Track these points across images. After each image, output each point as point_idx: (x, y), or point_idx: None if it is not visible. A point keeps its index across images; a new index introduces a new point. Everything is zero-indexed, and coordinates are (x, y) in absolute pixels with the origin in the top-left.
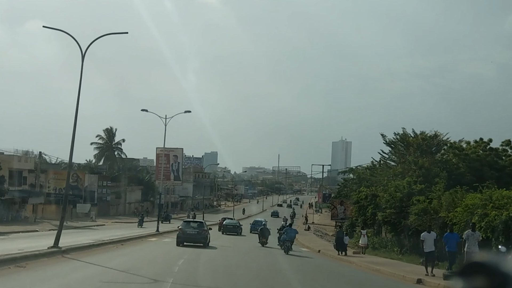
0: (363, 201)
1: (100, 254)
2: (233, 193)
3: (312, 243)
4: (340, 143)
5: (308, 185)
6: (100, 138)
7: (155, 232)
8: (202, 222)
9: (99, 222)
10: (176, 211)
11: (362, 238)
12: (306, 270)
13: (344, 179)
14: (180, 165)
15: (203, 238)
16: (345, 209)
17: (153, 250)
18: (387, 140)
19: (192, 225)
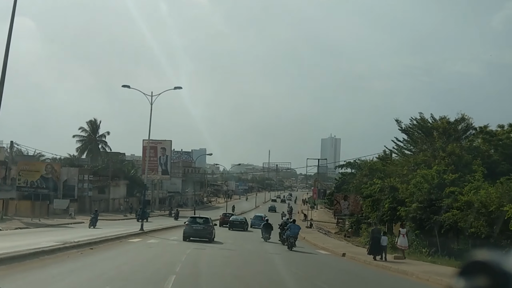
0: (378, 195)
1: (33, 271)
2: (223, 189)
3: (326, 243)
4: (329, 140)
5: (299, 181)
6: (83, 130)
7: (138, 231)
8: (208, 218)
9: (78, 219)
10: (164, 208)
11: (401, 239)
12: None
13: (342, 174)
14: (168, 158)
15: (208, 233)
16: (349, 204)
17: (131, 257)
18: (402, 127)
19: (198, 221)
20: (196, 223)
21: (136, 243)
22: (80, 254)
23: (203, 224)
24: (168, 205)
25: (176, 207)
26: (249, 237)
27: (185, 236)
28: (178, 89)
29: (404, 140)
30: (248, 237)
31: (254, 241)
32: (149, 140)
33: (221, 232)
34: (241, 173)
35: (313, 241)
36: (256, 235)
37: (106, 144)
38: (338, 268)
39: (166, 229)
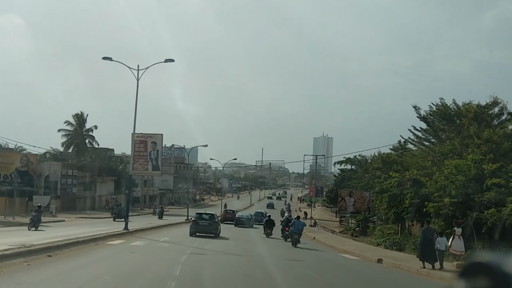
0: (395, 190)
1: None
2: (216, 187)
3: (345, 245)
4: (321, 138)
5: (292, 180)
6: (68, 124)
7: (122, 230)
8: (214, 214)
9: (60, 217)
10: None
11: (456, 241)
12: None
13: (342, 170)
14: (159, 153)
15: (214, 229)
16: (355, 201)
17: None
18: (421, 114)
19: (204, 217)
20: (202, 219)
21: (116, 247)
22: (27, 265)
23: (209, 220)
24: (159, 202)
25: (160, 204)
26: (255, 234)
27: (191, 232)
28: (170, 62)
29: (422, 130)
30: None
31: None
32: (140, 134)
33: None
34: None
35: (328, 242)
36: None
37: (93, 139)
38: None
39: (156, 228)
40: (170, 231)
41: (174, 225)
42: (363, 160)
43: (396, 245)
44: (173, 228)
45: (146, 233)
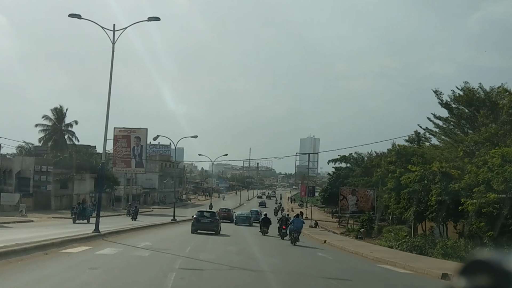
0: (416, 185)
1: None
2: (203, 187)
3: (376, 251)
4: (308, 139)
5: (279, 180)
6: (46, 118)
7: (91, 233)
8: (214, 212)
9: (31, 217)
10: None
11: None
12: None
13: (337, 168)
14: (143, 149)
15: (215, 226)
16: (357, 200)
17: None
18: (443, 100)
19: (205, 214)
20: (203, 216)
21: (72, 258)
22: None
23: (210, 217)
24: (143, 202)
25: (135, 203)
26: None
27: (193, 229)
28: (155, 21)
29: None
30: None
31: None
32: (123, 128)
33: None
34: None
35: (347, 246)
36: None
37: (73, 135)
38: None
39: (137, 230)
40: (154, 234)
41: (159, 226)
42: (359, 157)
43: (417, 248)
44: (158, 229)
45: (123, 237)
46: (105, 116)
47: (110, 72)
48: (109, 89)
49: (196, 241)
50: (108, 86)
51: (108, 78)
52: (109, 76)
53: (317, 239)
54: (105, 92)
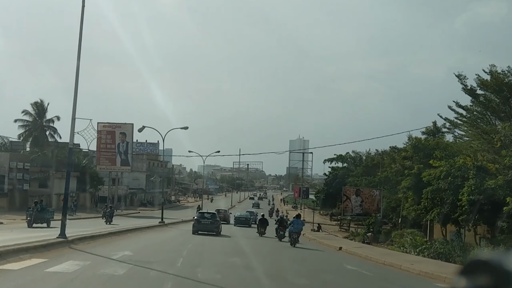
0: (441, 183)
1: None
2: (193, 188)
3: (417, 264)
4: (297, 141)
5: (269, 182)
6: (26, 113)
7: (55, 239)
8: (215, 214)
9: (2, 219)
10: (122, 206)
11: None
12: None
13: (333, 168)
14: (129, 146)
15: (215, 227)
16: (362, 201)
17: None
18: (467, 85)
19: (206, 216)
20: (204, 218)
21: (9, 277)
22: None
23: (211, 219)
24: (130, 203)
25: (111, 204)
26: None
27: (194, 230)
28: None
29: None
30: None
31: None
32: (107, 123)
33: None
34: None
35: (372, 255)
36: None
37: (55, 131)
38: None
39: (119, 234)
40: (138, 239)
41: (145, 230)
42: (357, 157)
43: (441, 256)
44: (143, 234)
45: (98, 243)
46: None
47: (80, 33)
48: (78, 53)
49: (190, 248)
50: (78, 50)
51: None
52: (78, 38)
53: (329, 245)
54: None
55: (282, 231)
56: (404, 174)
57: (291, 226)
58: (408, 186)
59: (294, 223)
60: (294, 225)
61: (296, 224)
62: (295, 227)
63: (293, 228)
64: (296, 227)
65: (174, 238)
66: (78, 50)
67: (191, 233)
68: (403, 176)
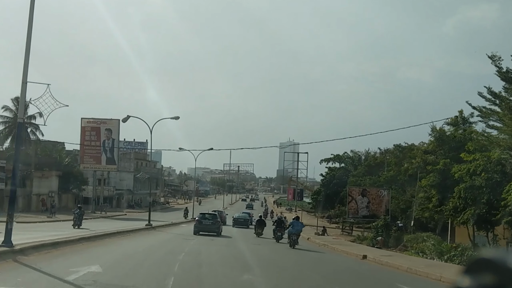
0: (477, 179)
1: None
2: (183, 189)
3: None
4: (287, 143)
5: (260, 184)
6: (6, 109)
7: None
8: (216, 215)
9: None
10: (106, 208)
11: None
12: None
13: (330, 169)
14: (115, 143)
15: (216, 228)
16: (369, 202)
17: None
18: (502, 67)
19: (207, 217)
20: (205, 218)
21: None
22: None
23: (212, 219)
24: (116, 205)
25: (79, 204)
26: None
27: (195, 231)
28: None
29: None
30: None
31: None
32: (92, 119)
33: None
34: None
35: (415, 267)
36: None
37: (37, 128)
38: None
39: (94, 239)
40: (116, 247)
41: (128, 234)
42: (355, 156)
43: None
44: (124, 239)
45: (59, 253)
46: None
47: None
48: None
49: (183, 259)
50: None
51: None
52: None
53: (349, 252)
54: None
55: (280, 232)
56: (426, 170)
57: (290, 227)
58: (431, 184)
59: (293, 225)
60: (294, 227)
61: (295, 226)
62: (294, 229)
63: (293, 229)
64: (295, 228)
65: (162, 245)
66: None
67: (184, 237)
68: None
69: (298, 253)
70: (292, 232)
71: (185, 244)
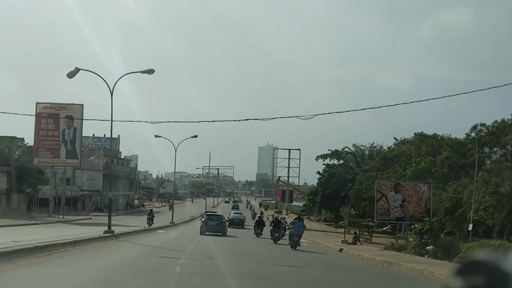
0: None
1: None
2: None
3: None
4: (266, 148)
5: (240, 188)
6: None
7: None
8: (221, 216)
9: None
10: (63, 210)
11: None
12: None
13: (328, 166)
14: (78, 134)
15: (222, 228)
16: (404, 200)
17: None
18: None
19: (213, 218)
20: (211, 219)
21: None
22: None
23: (217, 220)
24: (81, 208)
25: None
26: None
27: (201, 231)
28: None
29: None
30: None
31: None
32: (49, 103)
33: None
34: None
35: None
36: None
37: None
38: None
39: None
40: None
41: (63, 250)
42: (358, 151)
43: None
44: (59, 256)
45: None
46: None
47: None
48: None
49: None
50: None
51: None
52: None
53: (412, 268)
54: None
55: (278, 233)
56: None
57: (291, 228)
58: None
59: (295, 225)
60: (295, 227)
61: (297, 226)
62: (296, 229)
63: (294, 230)
64: (297, 229)
65: (116, 275)
66: None
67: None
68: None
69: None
70: (293, 233)
71: (168, 274)
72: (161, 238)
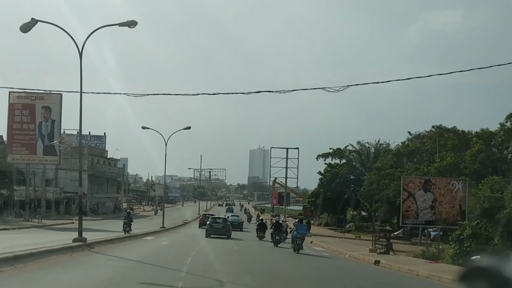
0: None
1: None
2: (150, 195)
3: None
4: (257, 150)
5: (232, 191)
6: None
7: None
8: (226, 219)
9: None
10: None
11: None
12: None
13: (330, 165)
14: (56, 127)
15: (226, 231)
16: (435, 200)
17: None
18: None
19: (218, 221)
20: (216, 222)
21: None
22: None
23: (222, 223)
24: (65, 211)
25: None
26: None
27: (207, 234)
28: None
29: None
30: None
31: None
32: (24, 91)
33: None
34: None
35: None
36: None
37: None
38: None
39: None
40: None
41: (22, 263)
42: (363, 149)
43: None
44: None
45: None
46: None
47: None
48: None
49: None
50: None
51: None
52: None
53: None
54: None
55: (278, 236)
56: None
57: (294, 231)
58: None
59: (297, 228)
60: (298, 230)
61: (300, 229)
62: (298, 232)
63: (297, 233)
64: (300, 232)
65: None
66: None
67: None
68: None
69: None
70: (296, 236)
71: None
72: (148, 248)
